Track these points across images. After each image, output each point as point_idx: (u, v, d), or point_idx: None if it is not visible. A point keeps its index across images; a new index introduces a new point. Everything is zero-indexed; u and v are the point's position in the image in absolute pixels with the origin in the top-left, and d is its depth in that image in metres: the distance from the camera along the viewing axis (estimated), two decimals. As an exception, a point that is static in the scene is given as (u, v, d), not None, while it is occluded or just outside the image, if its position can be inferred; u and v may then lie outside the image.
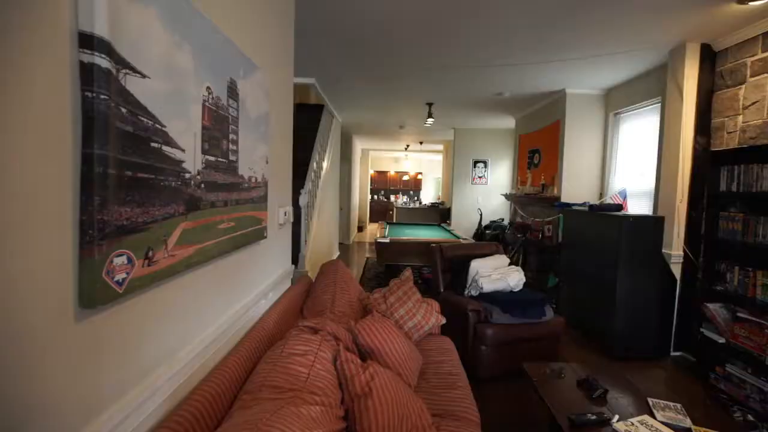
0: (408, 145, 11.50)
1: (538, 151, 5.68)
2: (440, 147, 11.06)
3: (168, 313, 1.12)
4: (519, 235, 5.61)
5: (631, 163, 4.44)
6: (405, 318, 2.31)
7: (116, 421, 0.88)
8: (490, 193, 8.04)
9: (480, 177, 8.05)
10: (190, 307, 1.25)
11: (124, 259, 0.85)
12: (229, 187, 1.38)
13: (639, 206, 4.09)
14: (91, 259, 0.77)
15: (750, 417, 2.37)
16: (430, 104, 5.86)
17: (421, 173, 14.66)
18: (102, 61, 0.76)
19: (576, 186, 4.89)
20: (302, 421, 1.04)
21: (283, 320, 1.94)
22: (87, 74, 0.75)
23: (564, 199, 4.76)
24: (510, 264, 3.35)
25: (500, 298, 2.87)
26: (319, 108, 5.95)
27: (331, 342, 1.62)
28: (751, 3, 2.63)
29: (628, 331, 3.31)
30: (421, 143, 10.82)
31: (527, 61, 3.91)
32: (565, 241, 4.30)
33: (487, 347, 2.77)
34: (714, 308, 2.88)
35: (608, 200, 4.19)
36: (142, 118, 0.90)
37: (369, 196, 13.34)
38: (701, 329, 2.98)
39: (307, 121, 6.02)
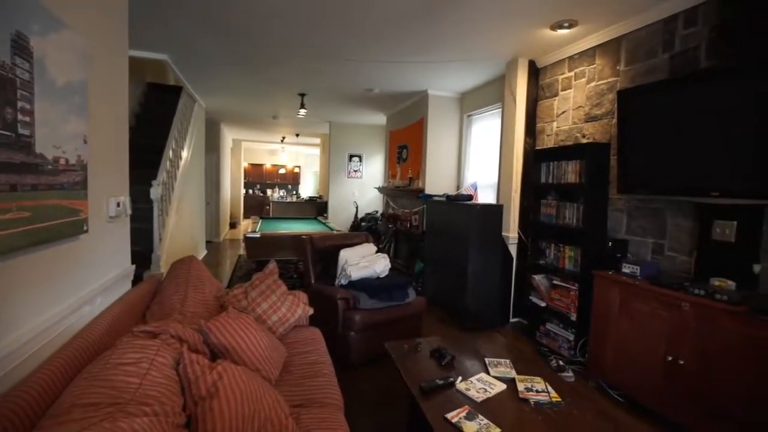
0: (284, 137, 11.12)
1: (406, 146, 6.08)
2: (317, 140, 10.98)
3: None
4: (390, 226, 5.93)
5: (481, 159, 5.08)
6: (269, 312, 2.22)
7: None
8: (365, 186, 8.32)
9: (355, 171, 8.26)
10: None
11: None
12: (17, 168, 1.10)
13: (487, 196, 4.72)
14: None
15: (561, 362, 2.95)
16: (302, 95, 5.75)
17: (299, 167, 14.34)
18: None
19: (437, 179, 5.38)
20: (120, 437, 0.90)
21: (118, 328, 1.67)
22: None
23: (428, 191, 5.20)
24: (379, 251, 3.51)
25: (367, 285, 2.99)
26: (176, 90, 5.29)
27: (174, 345, 1.45)
28: (559, 31, 3.24)
29: (478, 305, 3.80)
30: (297, 136, 10.56)
31: (391, 60, 4.12)
32: (428, 229, 4.71)
33: (356, 333, 2.85)
34: (538, 279, 3.49)
35: (463, 192, 4.72)
36: None
37: (243, 191, 12.50)
38: (530, 297, 3.59)
39: (161, 104, 5.32)
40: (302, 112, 5.93)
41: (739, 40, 2.27)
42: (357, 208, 7.81)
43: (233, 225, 10.99)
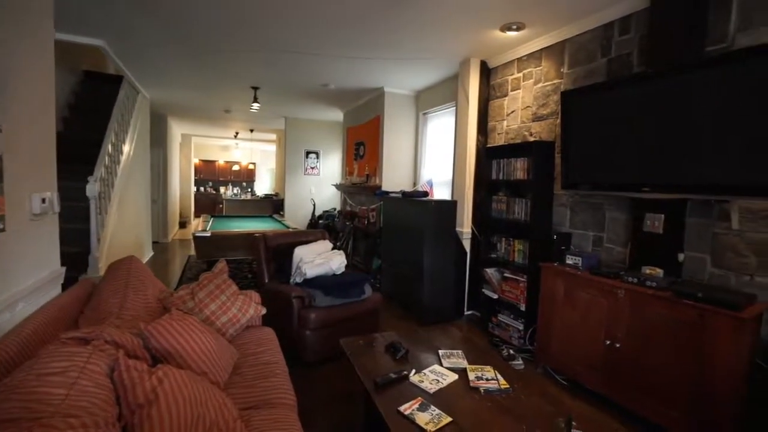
0: (237, 133, 10.71)
1: (363, 143, 6.06)
2: (273, 136, 10.69)
3: None
4: (348, 223, 5.90)
5: (437, 157, 5.18)
6: (218, 313, 2.13)
7: None
8: (322, 183, 8.21)
9: (312, 168, 8.13)
10: None
11: None
12: None
13: (442, 193, 4.81)
14: None
15: (512, 351, 3.08)
16: (255, 88, 5.56)
17: (254, 163, 13.87)
18: None
19: (394, 176, 5.42)
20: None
21: (43, 336, 1.52)
22: None
23: (384, 188, 5.22)
24: (336, 249, 3.47)
25: (323, 282, 2.95)
26: (117, 79, 4.93)
27: (108, 351, 1.35)
28: (508, 33, 3.36)
29: (434, 300, 3.88)
30: (251, 131, 10.21)
31: (347, 55, 4.09)
32: (385, 225, 4.74)
33: (312, 331, 2.81)
34: (490, 272, 3.62)
35: (419, 189, 4.78)
36: None
37: (193, 188, 11.91)
38: (483, 290, 3.71)
39: (100, 94, 4.94)
40: (255, 106, 5.74)
41: (660, 47, 2.47)
42: (314, 205, 7.70)
43: (183, 224, 10.45)
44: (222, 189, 13.37)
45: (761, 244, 2.11)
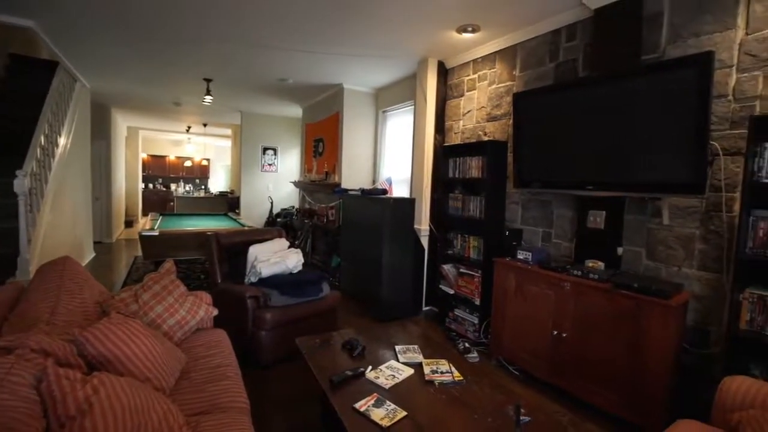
0: (190, 127, 10.22)
1: (322, 140, 5.99)
2: (228, 131, 10.29)
3: None
4: (306, 221, 5.81)
5: (396, 154, 5.21)
6: (164, 316, 2.01)
7: None
8: (280, 180, 8.02)
9: (270, 164, 7.92)
10: None
11: None
12: None
13: (401, 191, 4.85)
14: None
15: (467, 344, 3.17)
16: (208, 80, 5.32)
17: (208, 159, 13.29)
18: None
19: (354, 173, 5.40)
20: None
21: (-43, 346, 1.37)
22: None
23: (344, 185, 5.19)
24: (293, 247, 3.40)
25: (279, 281, 2.89)
26: (51, 65, 4.52)
27: (35, 361, 1.24)
28: (464, 34, 3.44)
29: (392, 296, 3.91)
30: (205, 125, 9.78)
31: (305, 49, 4.01)
32: (344, 223, 4.71)
33: (268, 331, 2.74)
34: (447, 268, 3.70)
35: (378, 186, 4.79)
36: None
37: (141, 185, 11.21)
38: (440, 286, 3.79)
39: (31, 81, 4.51)
40: (208, 99, 5.49)
41: (601, 55, 2.63)
42: (272, 203, 7.51)
43: (129, 223, 9.81)
44: (173, 186, 12.69)
45: (687, 238, 2.31)
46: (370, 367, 1.88)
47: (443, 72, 4.18)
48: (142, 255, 4.60)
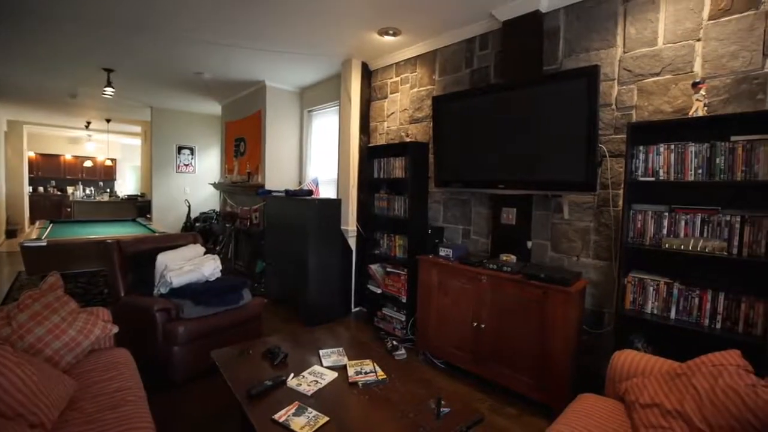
0: (89, 122, 9.07)
1: (244, 139, 5.69)
2: (138, 129, 9.33)
3: None
4: (228, 225, 5.47)
5: (323, 155, 5.13)
6: (47, 339, 1.74)
7: None
8: (198, 182, 7.46)
9: (186, 165, 7.32)
10: None
11: None
12: None
13: (329, 191, 4.79)
14: None
15: (395, 342, 3.20)
16: (109, 71, 4.75)
17: (113, 159, 11.92)
18: None
19: (278, 174, 5.21)
20: None
21: None
22: None
23: (268, 186, 4.98)
24: (210, 253, 3.17)
25: (193, 291, 2.66)
26: None
27: None
28: (386, 37, 3.48)
29: (320, 299, 3.83)
30: (108, 121, 8.75)
31: (221, 42, 3.76)
32: (269, 226, 4.52)
33: (181, 346, 2.51)
34: (374, 268, 3.72)
35: (304, 187, 4.67)
36: None
37: (28, 188, 9.71)
38: (368, 286, 3.80)
39: None
40: (109, 91, 4.91)
41: (509, 64, 2.84)
42: (189, 207, 6.95)
43: (12, 233, 8.44)
44: (70, 189, 11.17)
45: (584, 231, 2.57)
46: (291, 375, 1.80)
47: (367, 73, 4.20)
48: (26, 270, 3.96)
